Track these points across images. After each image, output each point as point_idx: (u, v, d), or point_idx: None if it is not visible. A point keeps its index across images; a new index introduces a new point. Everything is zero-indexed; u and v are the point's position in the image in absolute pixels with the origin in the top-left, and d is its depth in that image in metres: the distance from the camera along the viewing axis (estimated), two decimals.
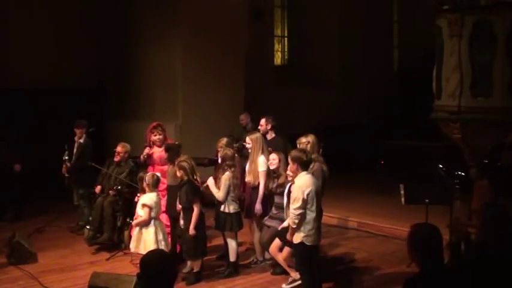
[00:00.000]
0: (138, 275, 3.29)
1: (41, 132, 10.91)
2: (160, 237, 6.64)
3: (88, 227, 8.01)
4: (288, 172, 6.08)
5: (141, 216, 6.65)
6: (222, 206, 6.70)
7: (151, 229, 6.59)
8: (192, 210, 6.49)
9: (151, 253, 3.50)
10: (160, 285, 3.23)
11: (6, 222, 9.02)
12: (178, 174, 6.58)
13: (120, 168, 8.04)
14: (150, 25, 11.66)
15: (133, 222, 6.80)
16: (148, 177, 6.75)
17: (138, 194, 7.13)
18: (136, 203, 7.16)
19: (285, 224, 6.25)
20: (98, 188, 8.11)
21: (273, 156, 6.82)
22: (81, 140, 8.78)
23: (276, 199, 6.75)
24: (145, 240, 6.56)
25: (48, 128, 10.87)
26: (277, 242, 6.46)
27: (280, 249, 6.46)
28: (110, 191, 7.89)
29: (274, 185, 6.73)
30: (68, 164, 8.70)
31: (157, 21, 11.53)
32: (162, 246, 6.60)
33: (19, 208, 9.39)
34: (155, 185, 6.77)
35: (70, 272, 6.97)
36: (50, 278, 6.72)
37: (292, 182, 5.88)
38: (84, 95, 11.68)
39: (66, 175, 8.74)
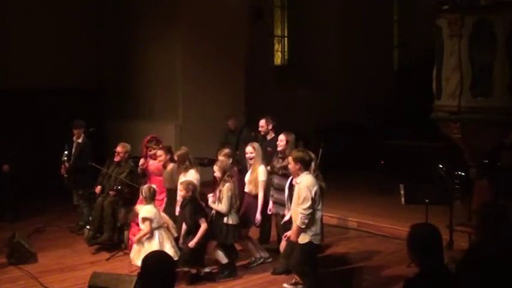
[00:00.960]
0: (139, 275, 3.30)
1: (41, 132, 10.91)
2: (168, 245, 6.52)
3: (88, 227, 8.01)
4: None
5: (142, 230, 6.57)
6: (225, 218, 6.64)
7: (155, 241, 6.48)
8: (197, 227, 6.46)
9: (153, 254, 3.51)
10: (160, 285, 3.24)
11: (6, 222, 9.01)
12: (182, 193, 6.53)
13: (120, 168, 8.04)
14: (150, 25, 11.66)
15: (135, 238, 6.62)
16: (144, 190, 6.69)
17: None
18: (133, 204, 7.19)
19: (287, 218, 6.31)
20: (98, 188, 8.11)
21: (281, 138, 6.91)
22: (80, 140, 8.77)
23: (277, 180, 6.76)
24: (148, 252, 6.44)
25: (48, 128, 10.88)
26: None
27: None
28: (110, 192, 7.89)
29: (278, 165, 6.75)
30: (67, 165, 8.69)
31: (157, 21, 11.53)
32: (172, 253, 6.40)
33: (15, 209, 9.35)
34: (152, 197, 6.70)
35: (70, 272, 6.97)
36: (50, 278, 6.72)
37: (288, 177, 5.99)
38: (84, 95, 11.68)
39: (65, 175, 8.73)
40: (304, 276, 6.08)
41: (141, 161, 7.81)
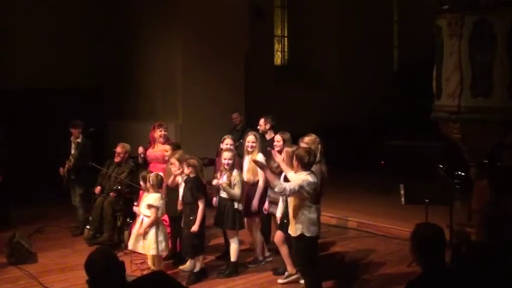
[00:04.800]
0: (87, 281, 3.25)
1: (41, 132, 10.91)
2: (161, 237, 6.61)
3: (88, 227, 8.01)
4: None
5: (147, 216, 6.57)
6: (236, 204, 6.69)
7: (153, 229, 6.55)
8: (196, 207, 6.49)
9: (93, 254, 3.46)
10: (110, 282, 3.20)
11: (6, 222, 8.99)
12: (187, 171, 6.57)
13: (120, 169, 8.04)
14: (150, 25, 11.66)
15: (142, 229, 6.58)
16: (152, 177, 6.68)
17: (135, 203, 7.06)
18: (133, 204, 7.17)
19: (279, 214, 6.34)
20: (97, 189, 8.10)
21: (278, 138, 6.97)
22: (79, 140, 8.74)
23: None
24: (145, 239, 6.55)
25: (48, 128, 10.87)
26: (280, 233, 6.51)
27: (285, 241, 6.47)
28: (111, 193, 7.88)
29: (275, 165, 6.78)
30: (71, 164, 8.66)
31: (158, 21, 11.54)
32: (162, 246, 6.59)
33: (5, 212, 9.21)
34: (159, 185, 6.71)
35: (70, 272, 6.96)
36: (50, 278, 6.72)
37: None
38: (84, 95, 11.68)
39: (65, 175, 8.70)
40: (304, 276, 6.08)
41: (140, 149, 7.80)
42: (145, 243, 6.51)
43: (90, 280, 3.22)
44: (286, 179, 6.26)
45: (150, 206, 6.57)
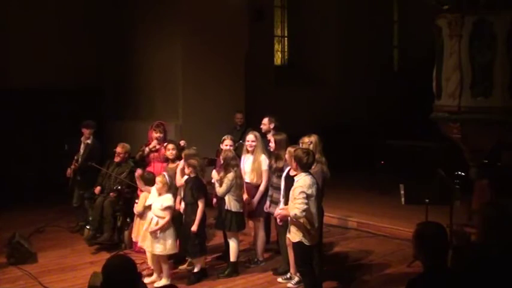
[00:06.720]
0: (101, 285, 3.27)
1: (41, 132, 10.92)
2: (175, 236, 6.61)
3: (88, 227, 8.00)
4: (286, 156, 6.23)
5: (162, 218, 6.48)
6: (226, 204, 6.70)
7: (171, 229, 6.50)
8: (196, 206, 6.50)
9: (112, 261, 3.45)
10: None
11: (6, 222, 8.99)
12: (187, 171, 6.59)
13: (120, 169, 8.03)
14: (150, 25, 11.66)
15: (155, 228, 6.46)
16: (165, 177, 6.61)
17: (137, 201, 7.05)
18: (133, 204, 7.15)
19: (277, 211, 6.21)
20: (97, 189, 8.09)
21: (271, 139, 6.99)
22: (89, 141, 8.70)
23: (275, 179, 6.80)
24: (165, 240, 6.47)
25: (48, 128, 10.88)
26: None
27: None
28: (111, 194, 7.87)
29: (274, 166, 6.78)
30: (77, 165, 8.62)
31: (158, 21, 11.54)
32: (176, 244, 6.61)
33: None
34: (171, 185, 6.69)
35: (70, 272, 6.97)
36: (50, 278, 6.72)
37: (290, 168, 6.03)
38: (84, 95, 11.68)
39: (72, 176, 8.65)
40: (302, 277, 6.09)
41: (146, 149, 7.80)
42: (167, 245, 6.46)
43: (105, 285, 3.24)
44: (287, 179, 6.26)
45: (166, 208, 6.49)
